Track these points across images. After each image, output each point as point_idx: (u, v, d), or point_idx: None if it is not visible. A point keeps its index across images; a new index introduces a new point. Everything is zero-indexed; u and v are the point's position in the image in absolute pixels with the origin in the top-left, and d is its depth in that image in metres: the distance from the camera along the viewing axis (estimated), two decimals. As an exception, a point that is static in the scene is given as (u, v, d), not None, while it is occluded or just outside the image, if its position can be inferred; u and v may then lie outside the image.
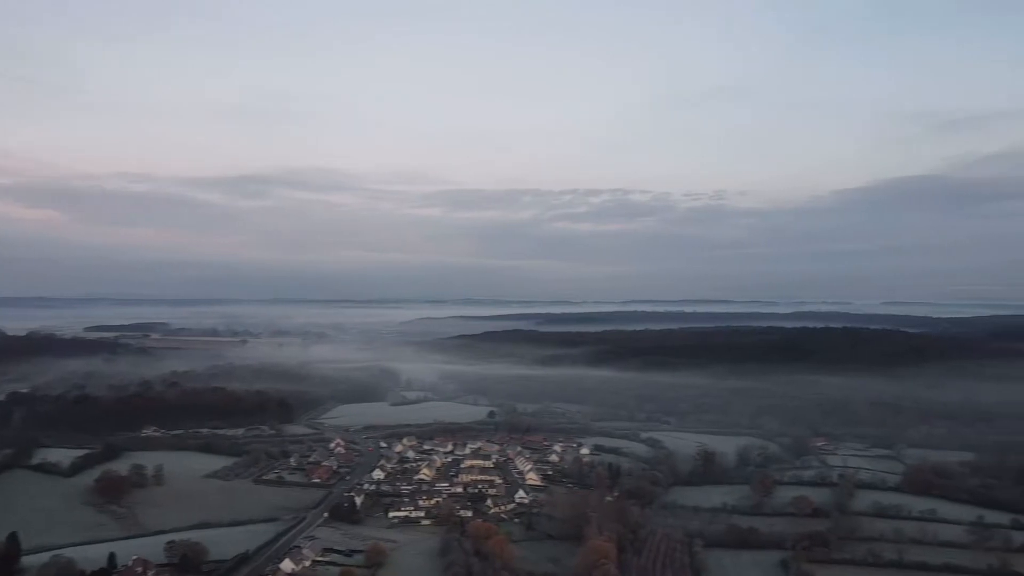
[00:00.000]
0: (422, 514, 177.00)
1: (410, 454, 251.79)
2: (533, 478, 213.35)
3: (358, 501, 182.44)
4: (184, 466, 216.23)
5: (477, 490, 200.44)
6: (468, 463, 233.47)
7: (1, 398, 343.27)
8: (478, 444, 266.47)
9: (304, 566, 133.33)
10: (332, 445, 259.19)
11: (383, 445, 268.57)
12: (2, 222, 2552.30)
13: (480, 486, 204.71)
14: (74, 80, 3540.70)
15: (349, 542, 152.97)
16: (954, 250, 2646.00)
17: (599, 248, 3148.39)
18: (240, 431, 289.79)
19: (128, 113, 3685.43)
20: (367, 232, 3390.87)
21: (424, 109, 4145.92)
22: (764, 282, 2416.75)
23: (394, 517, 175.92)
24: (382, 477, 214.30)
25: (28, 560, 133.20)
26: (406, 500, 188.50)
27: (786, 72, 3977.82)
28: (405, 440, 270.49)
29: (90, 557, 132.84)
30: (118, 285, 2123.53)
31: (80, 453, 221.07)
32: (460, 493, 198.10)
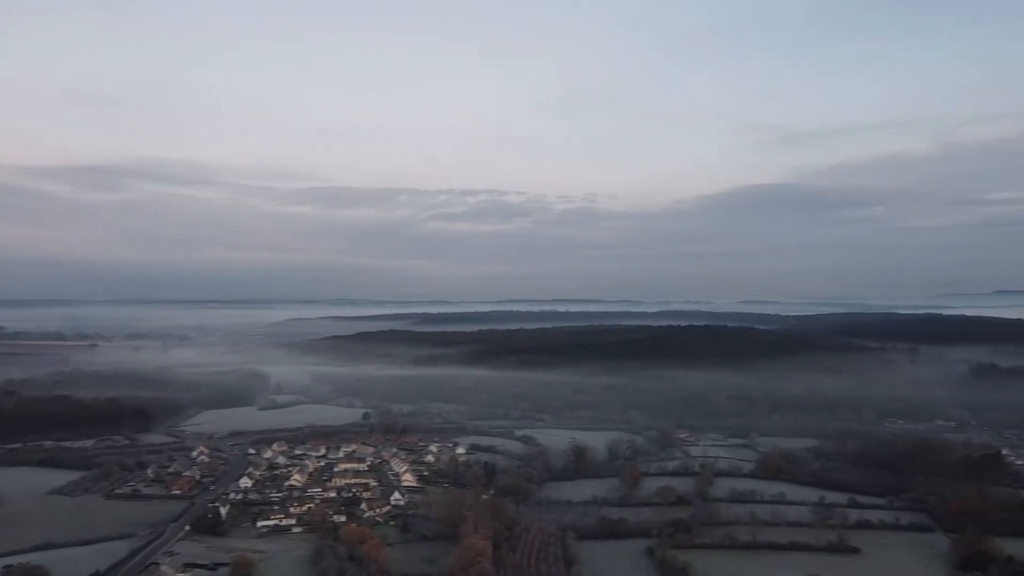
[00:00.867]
0: (293, 521, 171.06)
1: (280, 460, 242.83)
2: (409, 479, 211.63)
3: (223, 511, 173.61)
4: (23, 482, 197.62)
5: (351, 494, 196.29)
6: (342, 467, 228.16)
7: None
8: (352, 447, 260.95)
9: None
10: (195, 454, 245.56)
11: (251, 452, 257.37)
12: None
13: (355, 490, 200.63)
14: None
15: (213, 555, 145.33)
16: (802, 253, 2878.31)
17: (475, 248, 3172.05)
18: (90, 443, 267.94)
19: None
20: (234, 229, 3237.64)
21: (295, 102, 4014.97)
22: (633, 282, 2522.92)
23: (263, 526, 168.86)
24: (250, 485, 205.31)
25: None
26: (276, 508, 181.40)
27: (653, 80, 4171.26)
28: (275, 445, 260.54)
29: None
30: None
31: None
32: (334, 498, 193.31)
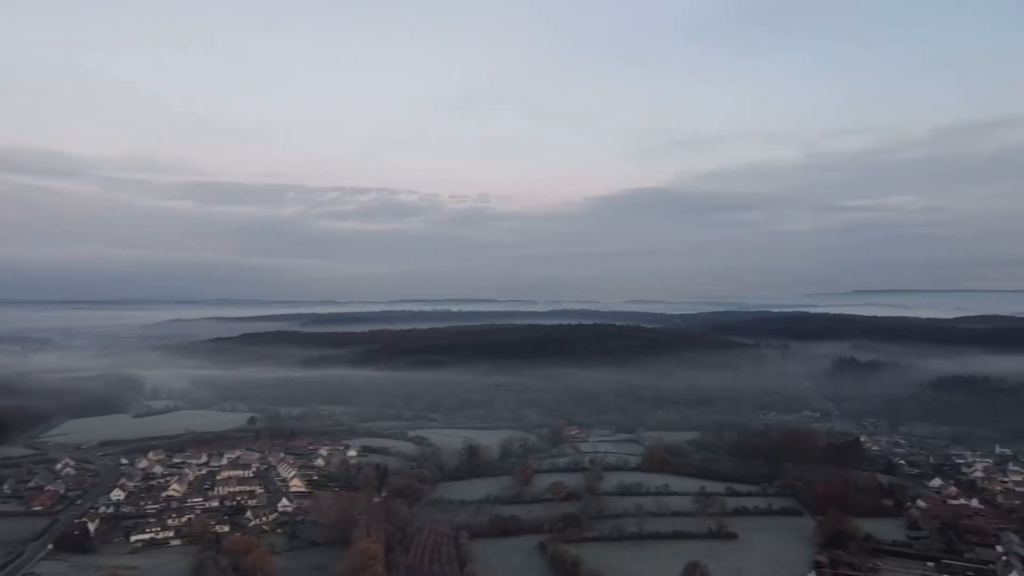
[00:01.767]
0: (171, 534, 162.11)
1: (157, 469, 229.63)
2: (298, 484, 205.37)
3: (91, 527, 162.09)
4: None
5: (235, 502, 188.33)
6: (225, 474, 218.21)
7: None
8: (237, 453, 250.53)
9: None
10: (59, 466, 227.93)
11: (124, 462, 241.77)
12: None
13: (239, 498, 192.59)
14: None
15: (79, 574, 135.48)
16: (684, 254, 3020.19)
17: (366, 247, 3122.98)
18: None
19: None
20: (103, 224, 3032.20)
21: (172, 92, 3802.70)
22: (524, 282, 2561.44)
23: (137, 541, 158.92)
24: (122, 497, 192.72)
25: None
26: (152, 521, 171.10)
27: (546, 84, 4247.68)
28: (151, 454, 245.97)
29: None
30: None
31: None
32: (216, 507, 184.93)
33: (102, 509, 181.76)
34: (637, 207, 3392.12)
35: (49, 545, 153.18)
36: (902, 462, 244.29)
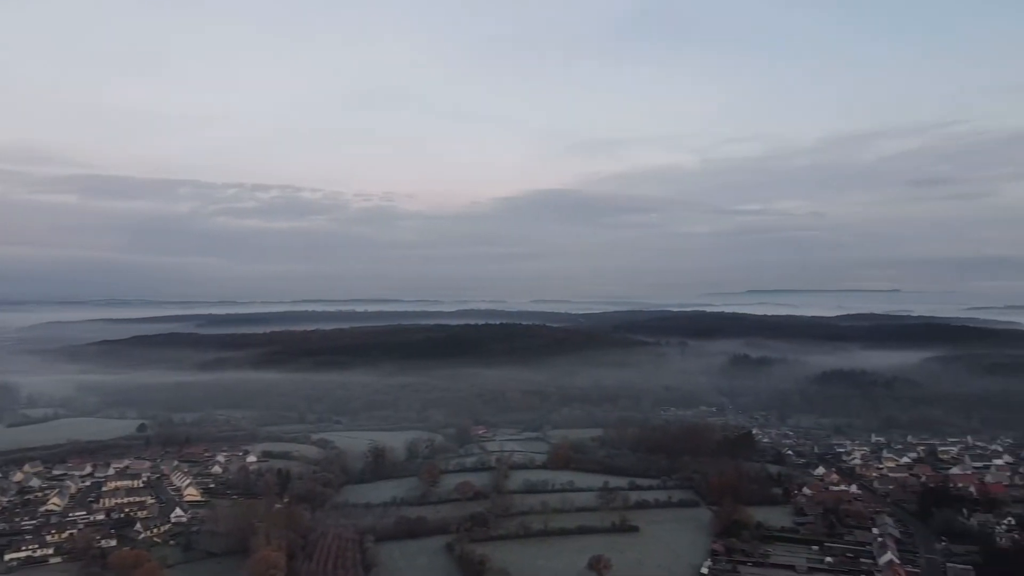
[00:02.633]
0: (51, 551, 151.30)
1: (34, 482, 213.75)
2: (193, 493, 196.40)
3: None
4: None
5: (124, 515, 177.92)
6: (112, 485, 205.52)
7: None
8: (125, 463, 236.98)
9: None
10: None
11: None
12: None
13: (127, 510, 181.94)
14: None
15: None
16: (588, 255, 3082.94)
17: (268, 246, 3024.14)
18: None
19: None
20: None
21: (56, 77, 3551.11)
22: (431, 282, 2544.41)
23: (12, 560, 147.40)
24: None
25: None
26: (28, 538, 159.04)
27: (453, 83, 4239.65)
28: (27, 466, 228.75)
29: None
30: None
31: None
32: (102, 521, 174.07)
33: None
34: (542, 208, 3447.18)
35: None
36: (790, 452, 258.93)
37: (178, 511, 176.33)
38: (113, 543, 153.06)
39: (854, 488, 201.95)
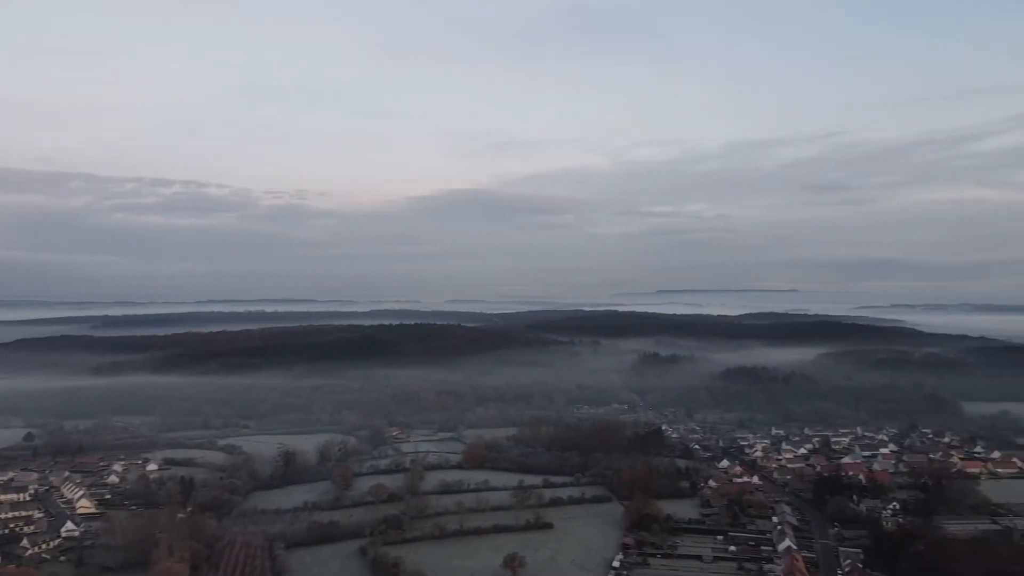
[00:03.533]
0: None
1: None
2: (86, 505, 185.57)
3: None
4: None
5: (8, 530, 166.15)
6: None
7: None
8: (9, 475, 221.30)
9: None
10: None
11: None
12: None
13: (13, 525, 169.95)
14: None
15: None
16: (503, 255, 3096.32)
17: (170, 244, 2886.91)
18: None
19: None
20: None
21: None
22: (344, 282, 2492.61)
23: None
24: None
25: None
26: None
27: (364, 79, 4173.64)
28: None
29: None
30: None
31: None
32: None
33: None
34: (457, 207, 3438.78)
35: None
36: (697, 447, 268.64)
37: (69, 524, 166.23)
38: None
39: (756, 479, 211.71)
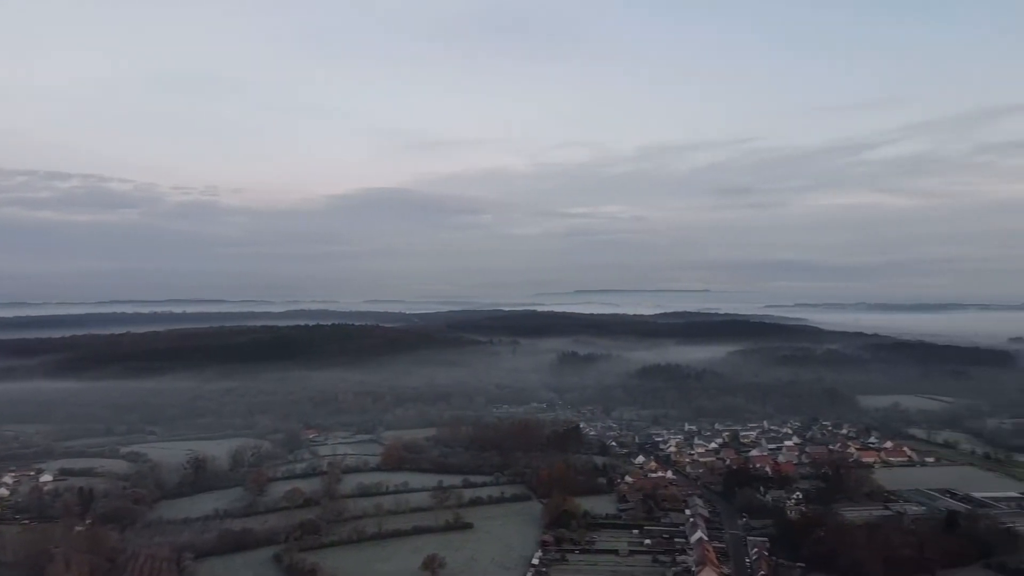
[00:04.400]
0: None
1: None
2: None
3: None
4: None
5: None
6: None
7: None
8: None
9: None
10: None
11: None
12: None
13: None
14: None
15: None
16: (422, 255, 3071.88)
17: (67, 241, 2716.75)
18: None
19: None
20: None
21: None
22: (259, 281, 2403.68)
23: None
24: None
25: None
26: None
27: (281, 72, 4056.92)
28: None
29: None
30: None
31: None
32: None
33: None
34: (376, 206, 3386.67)
35: None
36: (614, 444, 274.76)
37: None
38: None
39: (670, 474, 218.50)
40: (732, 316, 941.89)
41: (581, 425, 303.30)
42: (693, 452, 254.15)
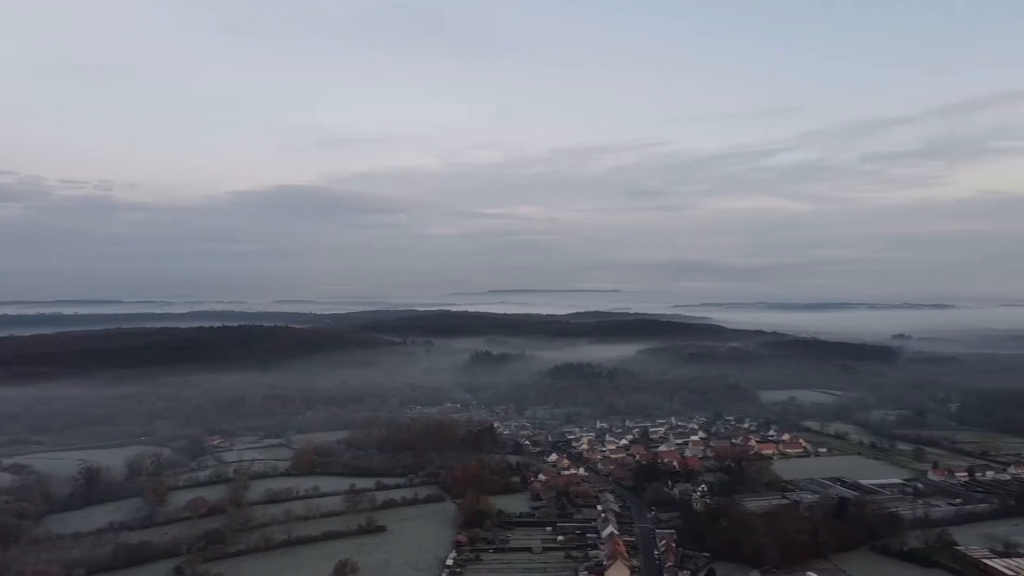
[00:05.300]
0: None
1: None
2: None
3: None
4: None
5: None
6: None
7: None
8: None
9: None
10: None
11: None
12: None
13: None
14: None
15: None
16: (333, 254, 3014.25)
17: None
18: None
19: None
20: None
21: None
22: (158, 281, 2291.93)
23: None
24: None
25: None
26: None
27: (183, 64, 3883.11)
28: None
29: None
30: None
31: None
32: None
33: None
34: (285, 205, 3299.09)
35: None
36: (527, 442, 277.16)
37: None
38: None
39: (582, 471, 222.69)
40: (642, 316, 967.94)
41: (495, 424, 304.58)
42: (604, 449, 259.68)
